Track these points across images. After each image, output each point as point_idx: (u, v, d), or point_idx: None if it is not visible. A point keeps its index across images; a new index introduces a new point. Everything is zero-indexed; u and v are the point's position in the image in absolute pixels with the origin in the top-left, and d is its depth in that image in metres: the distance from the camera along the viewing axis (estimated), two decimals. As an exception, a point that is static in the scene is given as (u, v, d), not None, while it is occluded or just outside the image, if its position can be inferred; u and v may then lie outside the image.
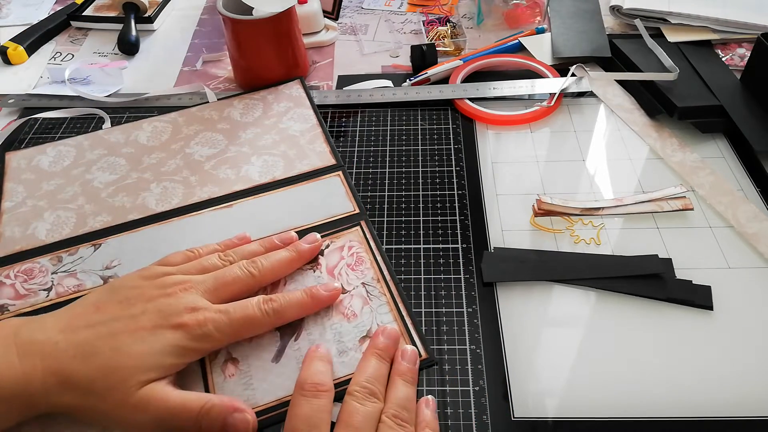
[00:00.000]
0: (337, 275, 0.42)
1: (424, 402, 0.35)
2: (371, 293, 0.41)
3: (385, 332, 0.37)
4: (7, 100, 0.62)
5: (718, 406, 0.36)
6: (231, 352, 0.38)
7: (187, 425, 0.33)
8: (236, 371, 0.37)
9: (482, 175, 0.51)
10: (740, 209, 0.47)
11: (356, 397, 0.33)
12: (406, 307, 0.40)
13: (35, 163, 0.53)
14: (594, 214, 0.47)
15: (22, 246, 0.46)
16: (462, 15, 0.72)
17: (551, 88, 0.58)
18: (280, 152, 0.52)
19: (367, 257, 0.43)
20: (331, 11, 0.69)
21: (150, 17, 0.72)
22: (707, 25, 0.64)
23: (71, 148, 0.54)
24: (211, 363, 0.38)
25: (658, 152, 0.52)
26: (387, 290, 0.41)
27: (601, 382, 0.37)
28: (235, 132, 0.55)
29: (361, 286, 0.41)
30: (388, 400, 0.34)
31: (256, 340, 0.38)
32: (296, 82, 0.60)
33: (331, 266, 0.43)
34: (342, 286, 0.41)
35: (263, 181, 0.50)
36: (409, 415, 0.33)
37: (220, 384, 0.37)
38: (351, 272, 0.42)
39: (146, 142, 0.55)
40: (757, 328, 0.39)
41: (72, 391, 0.32)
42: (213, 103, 0.58)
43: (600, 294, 0.42)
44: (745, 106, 0.54)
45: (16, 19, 0.75)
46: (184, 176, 0.51)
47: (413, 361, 0.37)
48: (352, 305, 0.40)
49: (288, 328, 0.39)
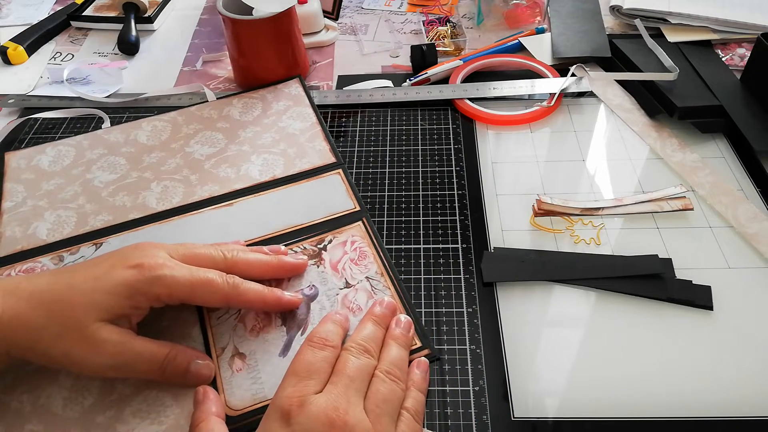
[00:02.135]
0: (341, 270, 0.43)
1: (416, 363, 0.37)
2: (375, 287, 0.41)
3: (383, 303, 0.39)
4: (7, 100, 0.62)
5: (718, 406, 0.36)
6: (238, 347, 0.39)
7: (152, 369, 0.35)
8: (244, 366, 0.38)
9: (482, 175, 0.51)
10: (740, 209, 0.47)
11: (351, 351, 0.35)
12: (409, 303, 0.41)
13: (35, 163, 0.53)
14: (594, 214, 0.47)
15: (23, 245, 0.46)
16: (462, 15, 0.72)
17: (551, 88, 0.58)
18: (280, 150, 0.52)
19: (370, 251, 0.44)
20: (331, 11, 0.69)
21: (150, 17, 0.72)
22: (707, 25, 0.64)
23: (71, 148, 0.54)
24: (219, 358, 0.38)
25: (658, 152, 0.52)
26: (391, 284, 0.42)
27: (601, 382, 0.37)
28: (235, 131, 0.55)
29: (365, 281, 0.42)
30: (381, 358, 0.35)
31: (263, 335, 0.39)
32: (295, 80, 0.60)
33: (335, 261, 0.43)
34: (347, 281, 0.42)
35: (263, 180, 0.50)
36: (400, 373, 0.35)
37: (228, 378, 0.37)
38: (354, 267, 0.43)
39: (146, 142, 0.55)
40: (757, 328, 0.39)
41: (30, 331, 0.33)
42: (212, 102, 0.58)
43: (600, 294, 0.42)
44: (745, 106, 0.54)
45: (16, 19, 0.75)
46: (185, 175, 0.51)
47: (407, 329, 0.38)
48: (357, 299, 0.41)
49: (293, 322, 0.40)
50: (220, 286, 0.37)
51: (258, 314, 0.40)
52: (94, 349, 0.33)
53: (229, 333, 0.39)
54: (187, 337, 0.39)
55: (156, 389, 0.37)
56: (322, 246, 0.44)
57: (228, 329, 0.40)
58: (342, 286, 0.42)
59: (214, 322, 0.40)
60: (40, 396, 0.37)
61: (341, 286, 0.42)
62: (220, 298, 0.37)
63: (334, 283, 0.42)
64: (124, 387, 0.37)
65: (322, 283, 0.42)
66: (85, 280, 0.34)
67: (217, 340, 0.39)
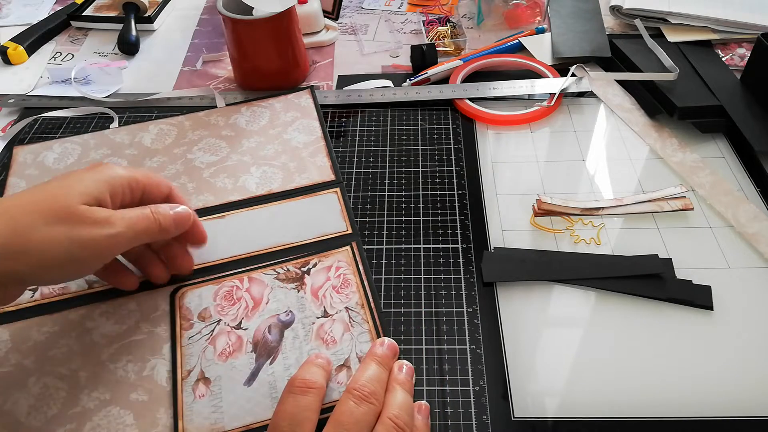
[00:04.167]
0: (321, 297, 0.41)
1: (417, 407, 0.35)
2: (354, 319, 0.40)
3: (384, 343, 0.37)
4: (7, 100, 0.62)
5: (718, 406, 0.36)
6: (204, 371, 0.38)
7: (150, 227, 0.37)
8: (207, 392, 0.37)
9: (482, 175, 0.51)
10: (740, 209, 0.47)
11: (354, 395, 0.32)
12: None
13: (41, 158, 0.53)
14: (594, 214, 0.47)
15: None
16: (462, 15, 0.72)
17: (551, 88, 0.58)
18: (281, 164, 0.52)
19: (353, 280, 0.42)
20: (331, 11, 0.70)
21: (150, 17, 0.72)
22: (707, 25, 0.64)
23: (77, 146, 0.55)
24: (183, 381, 0.37)
25: (658, 152, 0.52)
26: (370, 317, 0.40)
27: (601, 382, 0.37)
28: (239, 140, 0.54)
29: (344, 311, 0.40)
30: (388, 403, 0.33)
31: (231, 360, 0.38)
32: (306, 91, 0.59)
33: (316, 287, 0.42)
34: (325, 309, 0.40)
35: (259, 193, 0.49)
36: (408, 419, 0.33)
37: (189, 404, 0.36)
38: (336, 295, 0.41)
39: (150, 145, 0.54)
40: (757, 328, 0.39)
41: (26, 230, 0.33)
42: (221, 108, 0.58)
43: (600, 294, 0.42)
44: (745, 106, 0.54)
45: (16, 19, 0.75)
46: (182, 182, 0.51)
47: (411, 375, 0.36)
48: (333, 331, 0.39)
49: (264, 349, 0.38)
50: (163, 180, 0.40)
51: (230, 337, 0.39)
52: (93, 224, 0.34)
53: (198, 355, 0.38)
54: (157, 353, 0.39)
55: (118, 406, 0.36)
56: (306, 269, 0.43)
57: (198, 351, 0.39)
58: (320, 314, 0.40)
59: (185, 341, 0.39)
60: (6, 401, 0.36)
61: (319, 314, 0.40)
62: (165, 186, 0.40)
63: (311, 311, 0.40)
64: (89, 400, 0.37)
65: (300, 310, 0.40)
66: (57, 181, 0.36)
67: (185, 361, 0.38)
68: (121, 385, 0.37)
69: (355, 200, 0.49)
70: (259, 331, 0.39)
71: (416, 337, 0.40)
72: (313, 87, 0.59)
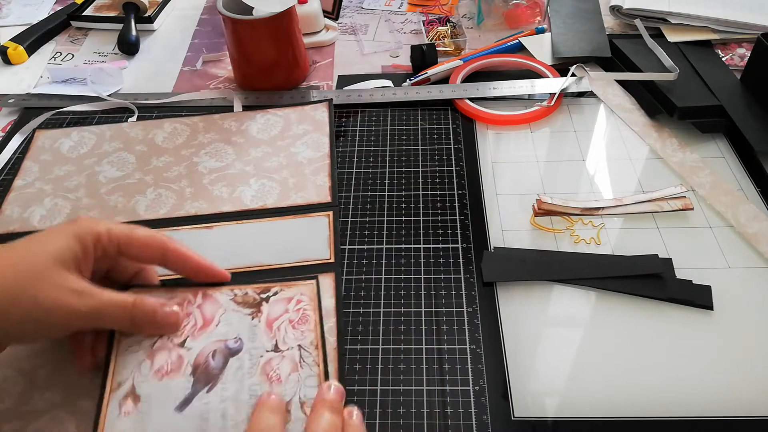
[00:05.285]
0: (276, 329, 0.37)
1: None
2: (305, 359, 0.36)
3: (332, 387, 0.34)
4: (7, 100, 0.62)
5: (718, 406, 0.36)
6: (136, 386, 0.34)
7: (123, 317, 0.34)
8: (134, 410, 0.33)
9: (482, 175, 0.51)
10: (740, 209, 0.47)
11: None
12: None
13: (57, 145, 0.55)
14: (594, 214, 0.47)
15: (15, 227, 0.47)
16: (462, 15, 0.72)
17: (551, 88, 0.58)
18: (281, 178, 0.51)
19: (312, 317, 0.38)
20: (331, 11, 0.70)
21: (150, 17, 0.72)
22: (707, 25, 0.64)
23: (93, 136, 0.56)
24: (111, 393, 0.34)
25: (658, 152, 0.52)
26: (322, 361, 0.36)
27: (601, 382, 0.37)
28: (246, 148, 0.54)
29: (296, 348, 0.36)
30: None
31: (167, 379, 0.35)
32: (325, 104, 0.58)
33: (273, 317, 0.38)
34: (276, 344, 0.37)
35: (252, 207, 0.48)
36: None
37: (112, 420, 0.33)
38: (291, 330, 0.37)
39: (161, 143, 0.55)
40: (757, 328, 0.39)
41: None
42: (237, 113, 0.58)
43: (600, 294, 0.42)
44: (745, 106, 0.54)
45: (16, 19, 0.75)
46: (181, 186, 0.51)
47: (362, 420, 0.34)
48: (280, 368, 0.35)
49: (204, 374, 0.35)
50: (157, 236, 0.36)
51: (171, 355, 0.36)
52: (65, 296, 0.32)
53: (132, 367, 0.35)
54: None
55: (64, 411, 0.36)
56: (266, 296, 0.39)
57: (133, 363, 0.35)
58: (270, 347, 0.36)
59: (122, 350, 0.36)
60: None
61: (269, 347, 0.36)
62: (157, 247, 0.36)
63: (262, 342, 0.36)
64: (40, 400, 0.36)
65: (250, 339, 0.37)
66: (28, 242, 0.34)
67: (117, 371, 0.35)
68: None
69: (356, 200, 0.49)
70: (202, 355, 0.36)
71: (416, 337, 0.40)
72: (331, 101, 0.58)
